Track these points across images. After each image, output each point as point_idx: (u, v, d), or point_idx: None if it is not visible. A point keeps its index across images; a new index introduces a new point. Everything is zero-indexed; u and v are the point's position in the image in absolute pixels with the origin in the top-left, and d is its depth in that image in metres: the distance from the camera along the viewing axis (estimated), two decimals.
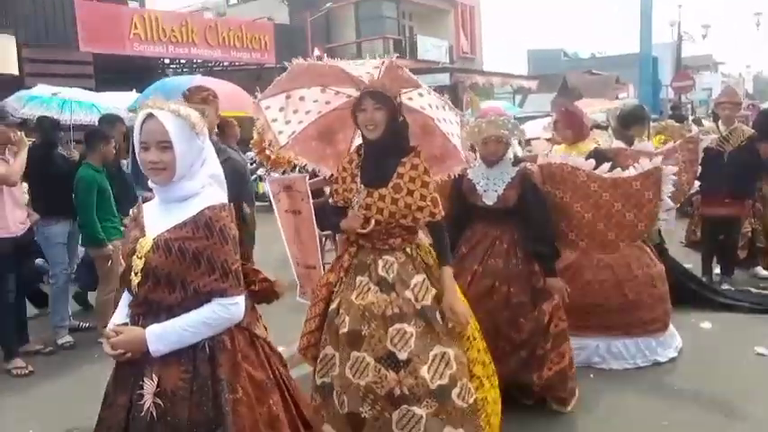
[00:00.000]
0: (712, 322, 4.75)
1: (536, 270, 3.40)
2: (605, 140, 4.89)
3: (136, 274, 1.83)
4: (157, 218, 1.91)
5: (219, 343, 1.85)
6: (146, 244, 1.84)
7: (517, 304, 3.36)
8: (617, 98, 16.95)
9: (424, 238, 2.81)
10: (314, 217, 4.06)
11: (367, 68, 2.65)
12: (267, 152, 3.94)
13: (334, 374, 2.66)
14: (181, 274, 1.79)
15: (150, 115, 1.83)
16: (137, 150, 1.88)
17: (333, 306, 2.74)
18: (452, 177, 3.09)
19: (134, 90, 9.61)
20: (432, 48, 24.03)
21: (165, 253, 1.79)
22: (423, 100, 2.78)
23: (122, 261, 1.91)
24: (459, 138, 2.75)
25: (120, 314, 1.98)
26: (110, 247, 4.85)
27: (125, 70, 14.12)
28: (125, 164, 6.56)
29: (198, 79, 7.86)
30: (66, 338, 4.96)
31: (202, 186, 1.90)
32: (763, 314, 4.93)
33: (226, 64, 17.29)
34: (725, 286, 5.60)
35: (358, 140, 2.91)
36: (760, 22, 22.35)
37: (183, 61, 16.93)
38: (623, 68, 31.09)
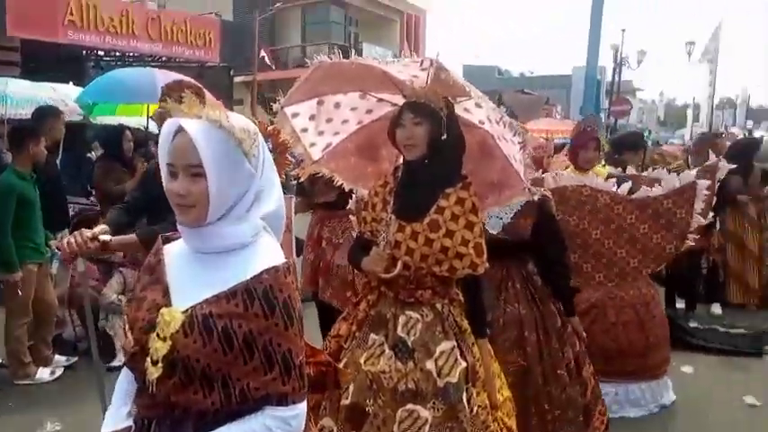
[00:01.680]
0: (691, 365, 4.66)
1: (554, 310, 2.98)
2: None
3: (155, 362, 1.24)
4: (189, 276, 1.33)
5: None
6: (173, 319, 1.25)
7: (550, 353, 2.88)
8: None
9: (461, 294, 2.28)
10: (294, 250, 3.58)
11: (413, 70, 2.13)
12: None
13: None
14: (223, 369, 1.23)
15: (180, 128, 1.28)
16: (163, 176, 1.32)
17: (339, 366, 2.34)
18: None
19: (71, 83, 8.81)
20: (376, 56, 23.88)
21: (203, 337, 1.23)
22: (481, 112, 2.26)
23: (129, 336, 1.31)
24: (521, 162, 2.21)
25: (117, 414, 1.40)
26: (19, 273, 4.00)
27: (55, 60, 13.06)
28: None
29: (159, 72, 6.80)
30: None
31: (255, 234, 1.33)
32: (732, 356, 4.94)
33: (164, 59, 16.36)
34: (692, 324, 5.55)
35: None
36: (692, 51, 23.16)
37: (117, 54, 15.90)
38: (551, 89, 32.17)
